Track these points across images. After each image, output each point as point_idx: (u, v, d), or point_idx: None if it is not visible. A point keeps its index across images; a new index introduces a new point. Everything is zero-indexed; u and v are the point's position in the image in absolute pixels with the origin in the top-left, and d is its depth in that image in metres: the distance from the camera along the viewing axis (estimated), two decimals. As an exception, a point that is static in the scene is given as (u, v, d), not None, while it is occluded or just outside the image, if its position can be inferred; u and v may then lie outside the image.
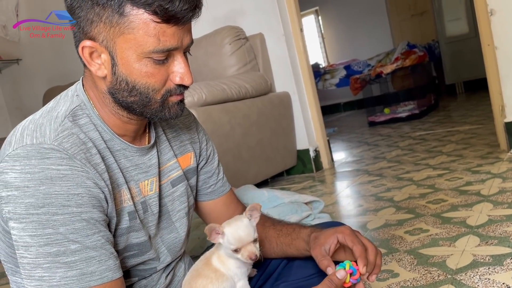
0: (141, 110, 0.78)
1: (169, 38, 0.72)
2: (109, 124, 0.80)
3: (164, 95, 0.77)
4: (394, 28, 6.91)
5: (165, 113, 0.79)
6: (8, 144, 0.72)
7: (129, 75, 0.74)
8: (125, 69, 0.74)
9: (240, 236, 0.85)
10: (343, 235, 0.84)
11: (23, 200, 0.67)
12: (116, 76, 0.75)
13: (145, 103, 0.77)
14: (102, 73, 0.76)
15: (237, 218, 0.89)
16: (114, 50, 0.73)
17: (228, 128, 2.46)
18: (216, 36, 2.86)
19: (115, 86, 0.76)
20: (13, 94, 4.56)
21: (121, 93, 0.76)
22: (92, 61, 0.75)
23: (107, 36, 0.72)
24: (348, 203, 2.19)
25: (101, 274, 0.70)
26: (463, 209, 1.68)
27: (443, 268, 1.24)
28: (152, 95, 0.76)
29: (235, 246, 0.84)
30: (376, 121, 4.80)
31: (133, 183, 0.83)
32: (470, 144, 2.81)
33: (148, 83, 0.75)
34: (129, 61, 0.73)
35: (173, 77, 0.77)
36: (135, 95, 0.76)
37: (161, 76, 0.75)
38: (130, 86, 0.75)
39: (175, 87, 0.78)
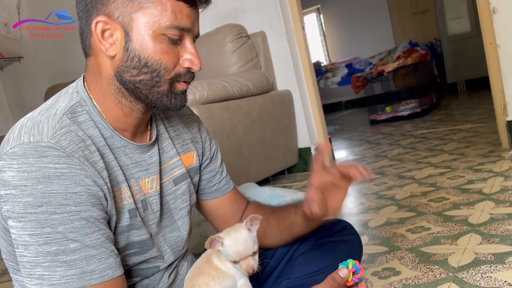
0: (148, 91, 0.78)
1: (185, 17, 0.75)
2: (110, 118, 0.80)
3: (173, 77, 0.78)
4: (396, 27, 6.89)
5: (171, 99, 0.80)
6: (6, 142, 0.72)
7: (142, 51, 0.75)
8: (139, 44, 0.75)
9: (238, 251, 0.85)
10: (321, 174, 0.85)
11: (21, 199, 0.67)
12: (128, 53, 0.75)
13: (154, 82, 0.77)
14: (112, 52, 0.76)
15: (236, 228, 0.89)
16: (130, 25, 0.74)
17: (230, 126, 2.46)
18: (217, 34, 2.86)
19: (125, 64, 0.76)
20: (15, 91, 4.56)
21: (130, 71, 0.76)
22: (103, 40, 0.76)
23: (124, 11, 0.74)
24: (349, 201, 2.19)
25: (101, 273, 0.70)
26: (465, 208, 1.67)
27: (444, 266, 1.24)
28: (163, 74, 0.77)
29: (233, 259, 0.85)
30: (377, 120, 4.80)
31: (133, 181, 0.82)
32: (472, 143, 2.80)
33: (161, 59, 0.76)
34: (145, 36, 0.74)
35: (183, 61, 0.78)
36: (145, 72, 0.76)
37: (173, 56, 0.77)
38: (142, 62, 0.76)
39: (184, 71, 0.79)
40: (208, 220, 1.08)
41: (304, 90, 3.03)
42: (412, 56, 4.88)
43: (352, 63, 6.17)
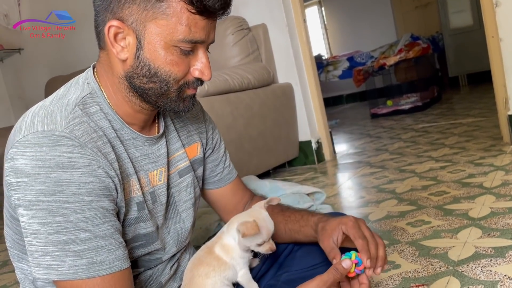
0: (156, 98, 0.78)
1: (199, 30, 0.74)
2: (120, 112, 0.80)
3: (182, 86, 0.78)
4: (398, 20, 6.86)
5: (179, 104, 0.80)
6: (18, 130, 0.72)
7: (153, 61, 0.75)
8: (151, 54, 0.74)
9: (269, 229, 0.87)
10: (346, 227, 0.83)
11: (34, 187, 0.67)
12: (139, 61, 0.75)
13: (163, 91, 0.77)
14: (123, 56, 0.76)
15: (259, 211, 0.89)
16: (143, 34, 0.73)
17: (230, 119, 2.46)
18: (218, 26, 2.84)
19: (135, 70, 0.76)
20: (15, 83, 4.56)
21: (140, 78, 0.76)
22: (115, 43, 0.75)
23: (138, 19, 0.73)
24: (350, 195, 2.19)
25: (110, 264, 0.70)
26: (466, 201, 1.67)
27: (444, 259, 1.24)
28: (172, 84, 0.77)
29: (263, 239, 0.85)
30: (378, 113, 4.79)
31: (143, 173, 0.82)
32: (473, 137, 2.80)
33: (171, 71, 0.75)
34: (156, 47, 0.74)
35: (193, 70, 0.78)
36: (154, 81, 0.76)
37: (183, 66, 0.76)
38: (152, 72, 0.75)
39: (193, 80, 0.79)
40: (213, 208, 1.08)
41: (305, 83, 3.02)
42: (413, 49, 4.86)
43: (353, 57, 6.15)
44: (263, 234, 0.85)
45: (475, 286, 1.06)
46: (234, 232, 0.88)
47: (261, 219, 0.87)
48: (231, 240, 0.89)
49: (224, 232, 0.91)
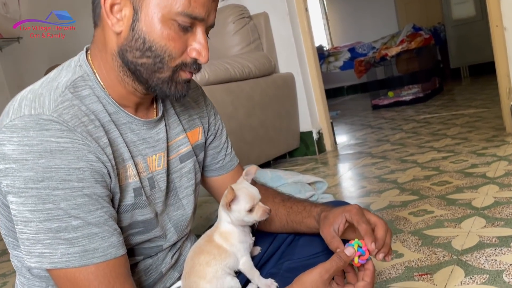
0: (148, 76, 0.74)
1: (199, 6, 0.71)
2: (113, 95, 0.77)
3: (178, 66, 0.74)
4: (400, 11, 6.81)
5: (171, 86, 0.76)
6: (6, 115, 0.69)
7: (148, 34, 0.72)
8: (147, 26, 0.71)
9: (252, 194, 0.85)
10: (349, 213, 0.82)
11: (22, 174, 0.65)
12: (134, 33, 0.72)
13: (156, 68, 0.74)
14: (118, 28, 0.73)
15: (238, 182, 0.89)
16: (140, 5, 0.71)
17: (231, 108, 2.43)
18: (219, 14, 2.81)
19: (129, 43, 0.73)
20: (14, 72, 4.53)
21: (133, 52, 0.73)
22: (111, 14, 0.72)
23: None
24: (351, 185, 2.18)
25: (104, 251, 0.68)
26: (469, 191, 1.66)
27: (448, 249, 1.22)
28: (167, 60, 0.73)
29: (250, 204, 0.84)
30: (379, 105, 4.76)
31: (140, 158, 0.80)
32: (475, 127, 2.78)
33: (166, 46, 0.72)
34: (153, 19, 0.71)
35: (190, 50, 0.74)
36: (148, 56, 0.73)
37: (180, 43, 0.73)
38: (146, 45, 0.72)
39: (191, 62, 0.75)
40: (213, 197, 1.06)
41: (307, 73, 2.99)
42: (415, 40, 4.83)
43: (355, 47, 6.10)
44: (244, 197, 0.84)
45: (480, 275, 1.05)
46: (223, 213, 0.87)
47: (239, 187, 0.85)
48: (227, 225, 0.88)
49: (220, 219, 0.90)
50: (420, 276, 1.11)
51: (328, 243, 0.81)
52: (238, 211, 0.84)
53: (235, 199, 0.84)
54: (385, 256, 0.81)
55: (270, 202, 0.99)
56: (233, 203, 0.84)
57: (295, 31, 2.91)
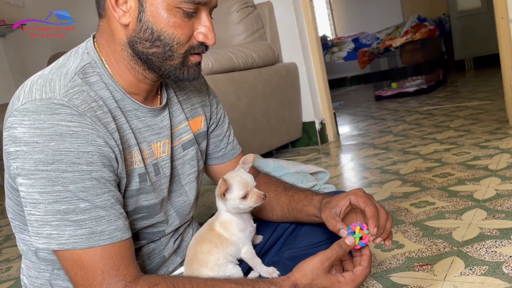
0: (160, 64, 0.76)
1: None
2: (122, 82, 0.78)
3: (187, 51, 0.76)
4: (405, 1, 6.76)
5: (184, 71, 0.78)
6: (17, 99, 0.71)
7: (155, 24, 0.73)
8: (153, 17, 0.72)
9: (246, 181, 0.86)
10: (356, 196, 0.83)
11: (32, 156, 0.66)
12: (141, 24, 0.73)
13: (167, 56, 0.75)
14: (125, 21, 0.74)
15: (234, 171, 0.90)
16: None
17: (234, 98, 2.43)
18: (223, 3, 2.80)
19: (138, 34, 0.74)
20: (17, 59, 4.53)
21: (143, 43, 0.74)
22: (117, 7, 0.74)
23: None
24: (353, 175, 2.18)
25: (110, 234, 0.69)
26: (470, 183, 1.66)
27: (449, 240, 1.23)
28: (176, 48, 0.75)
29: (244, 191, 0.84)
30: (383, 96, 4.75)
31: (145, 144, 0.81)
32: (478, 120, 2.77)
33: (174, 34, 0.74)
34: (159, 8, 0.72)
35: (197, 34, 0.76)
36: (158, 45, 0.74)
37: (187, 30, 0.74)
38: (155, 35, 0.74)
39: (198, 44, 0.77)
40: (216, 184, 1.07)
41: (310, 63, 2.98)
42: (420, 31, 4.80)
43: (359, 38, 6.07)
44: (238, 185, 0.85)
45: (480, 267, 1.06)
46: (219, 203, 0.88)
47: (232, 176, 0.87)
48: (226, 214, 0.89)
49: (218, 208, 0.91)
50: (421, 266, 1.12)
51: (329, 225, 0.82)
52: (232, 199, 0.85)
53: (228, 188, 0.85)
54: (384, 240, 0.82)
55: (272, 191, 1.00)
56: (227, 192, 0.85)
57: (299, 20, 2.90)
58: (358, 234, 0.78)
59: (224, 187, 0.84)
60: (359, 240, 0.78)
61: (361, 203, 0.82)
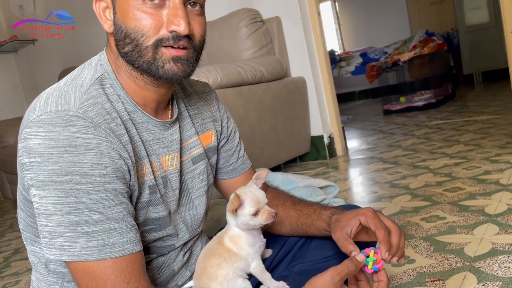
0: (138, 63, 0.74)
1: None
2: (130, 94, 0.79)
3: (155, 42, 0.73)
4: (412, 16, 6.79)
5: (158, 67, 0.74)
6: (32, 111, 0.72)
7: (123, 21, 0.73)
8: (121, 14, 0.73)
9: (258, 198, 0.85)
10: (365, 217, 0.82)
11: (47, 167, 0.66)
12: (116, 26, 0.75)
13: (137, 52, 0.73)
14: (109, 29, 0.76)
15: (246, 186, 0.89)
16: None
17: (243, 112, 2.44)
18: (232, 18, 2.83)
19: (116, 37, 0.75)
20: (29, 74, 4.59)
21: (120, 44, 0.75)
22: (104, 17, 0.76)
23: None
24: (362, 190, 2.17)
25: (122, 246, 0.69)
26: (481, 198, 1.64)
27: (460, 255, 1.21)
28: (142, 41, 0.72)
29: (255, 208, 0.84)
30: (391, 110, 4.74)
31: (155, 157, 0.81)
32: (488, 134, 2.75)
33: (137, 26, 0.72)
34: (124, 5, 0.73)
35: (168, 24, 0.72)
36: (128, 43, 0.73)
37: (153, 20, 0.72)
38: (123, 33, 0.74)
39: (167, 35, 0.72)
40: (225, 199, 1.07)
41: (318, 77, 2.99)
42: (428, 46, 4.80)
43: (366, 52, 6.09)
44: (249, 201, 0.84)
45: (493, 283, 1.04)
46: (230, 217, 0.88)
47: (245, 191, 0.86)
48: (235, 229, 0.88)
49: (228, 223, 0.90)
50: (432, 282, 1.10)
51: (341, 246, 0.81)
52: (244, 215, 0.84)
53: (241, 204, 0.84)
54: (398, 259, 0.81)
55: (281, 206, 0.99)
56: (238, 208, 0.85)
57: (307, 35, 2.91)
58: (372, 257, 0.77)
59: (237, 203, 0.83)
60: (372, 264, 0.77)
61: (371, 225, 0.80)
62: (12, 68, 4.63)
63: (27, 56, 4.53)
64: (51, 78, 4.12)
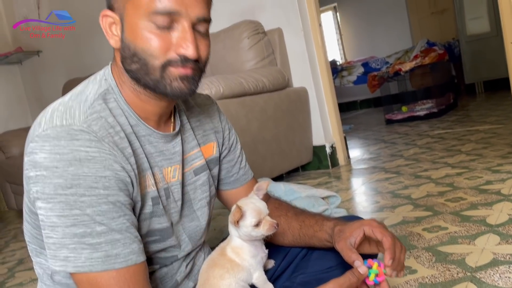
0: (144, 80, 0.76)
1: (172, 1, 0.72)
2: (134, 107, 0.81)
3: (164, 64, 0.74)
4: (413, 26, 6.82)
5: (166, 85, 0.75)
6: (38, 125, 0.74)
7: (132, 40, 0.75)
8: (130, 33, 0.75)
9: (259, 209, 0.86)
10: (370, 227, 0.83)
11: (52, 180, 0.68)
12: (123, 43, 0.76)
13: (145, 70, 0.75)
14: (115, 44, 0.78)
15: (247, 197, 0.91)
16: (124, 15, 0.75)
17: (245, 122, 2.46)
18: (234, 30, 2.86)
19: (123, 54, 0.77)
20: (33, 85, 4.62)
21: (127, 62, 0.77)
22: (110, 32, 0.78)
23: (120, 2, 0.75)
24: (364, 200, 2.18)
25: (125, 257, 0.71)
26: (483, 208, 1.65)
27: (462, 265, 1.22)
28: (150, 61, 0.74)
29: (256, 219, 0.85)
30: (393, 119, 4.75)
31: (157, 169, 0.83)
32: (490, 144, 2.76)
33: (146, 47, 0.74)
34: (133, 25, 0.74)
35: (176, 47, 0.74)
36: (136, 61, 0.75)
37: (162, 42, 0.73)
38: (132, 51, 0.75)
39: (176, 58, 0.74)
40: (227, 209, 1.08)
41: (320, 87, 3.01)
42: (429, 55, 4.83)
43: (368, 62, 6.12)
44: (251, 212, 0.85)
45: (494, 293, 1.04)
46: (232, 229, 0.89)
47: (246, 203, 0.87)
48: (238, 240, 0.89)
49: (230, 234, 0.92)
50: (434, 292, 1.11)
51: (345, 257, 0.82)
52: (245, 226, 0.86)
53: (242, 215, 0.85)
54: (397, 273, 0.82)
55: (283, 216, 1.00)
56: (240, 219, 0.86)
57: (309, 46, 2.94)
58: (375, 270, 0.78)
59: (238, 215, 0.84)
60: (374, 277, 0.78)
61: (377, 234, 0.81)
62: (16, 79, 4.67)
63: (32, 67, 4.57)
64: (55, 89, 4.15)
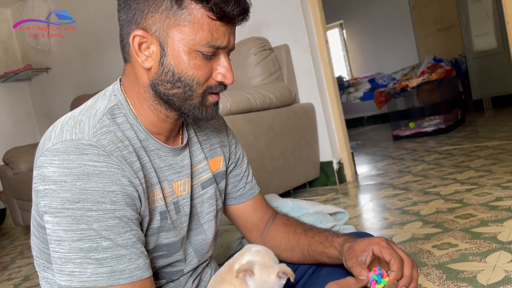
0: (180, 104, 0.79)
1: (220, 36, 0.76)
2: (145, 122, 0.81)
3: (205, 91, 0.79)
4: (420, 42, 6.84)
5: (202, 110, 0.81)
6: (48, 139, 0.74)
7: (176, 66, 0.76)
8: (174, 60, 0.76)
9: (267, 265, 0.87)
10: (379, 247, 0.81)
11: (59, 195, 0.68)
12: (163, 67, 0.77)
13: (187, 96, 0.78)
14: (148, 65, 0.78)
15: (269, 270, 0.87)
16: (166, 40, 0.76)
17: (252, 138, 2.46)
18: (241, 46, 2.88)
19: (159, 77, 0.78)
20: (42, 102, 4.67)
21: (164, 84, 0.78)
22: (140, 52, 0.78)
23: (161, 27, 0.75)
24: (372, 216, 2.15)
25: (130, 273, 0.70)
26: (494, 225, 1.62)
27: (473, 283, 1.19)
28: (195, 88, 0.78)
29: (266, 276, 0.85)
30: (401, 135, 4.73)
31: (167, 183, 0.83)
32: (499, 160, 2.73)
33: (194, 75, 0.77)
34: (179, 52, 0.75)
35: (216, 74, 0.79)
36: (179, 86, 0.77)
37: (206, 70, 0.78)
38: (176, 77, 0.77)
39: (216, 84, 0.80)
40: (234, 225, 1.08)
41: (327, 103, 3.01)
42: (436, 71, 4.82)
43: (375, 78, 6.13)
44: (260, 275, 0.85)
45: (507, 312, 1.02)
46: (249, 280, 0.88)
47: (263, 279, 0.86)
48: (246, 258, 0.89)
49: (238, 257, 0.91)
50: (445, 311, 1.08)
51: (355, 273, 0.81)
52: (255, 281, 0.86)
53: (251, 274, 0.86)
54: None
55: (292, 233, 0.99)
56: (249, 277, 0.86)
57: (316, 62, 2.95)
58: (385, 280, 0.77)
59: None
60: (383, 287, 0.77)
61: (385, 255, 0.80)
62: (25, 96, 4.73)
63: (41, 84, 4.62)
64: (63, 105, 4.19)
